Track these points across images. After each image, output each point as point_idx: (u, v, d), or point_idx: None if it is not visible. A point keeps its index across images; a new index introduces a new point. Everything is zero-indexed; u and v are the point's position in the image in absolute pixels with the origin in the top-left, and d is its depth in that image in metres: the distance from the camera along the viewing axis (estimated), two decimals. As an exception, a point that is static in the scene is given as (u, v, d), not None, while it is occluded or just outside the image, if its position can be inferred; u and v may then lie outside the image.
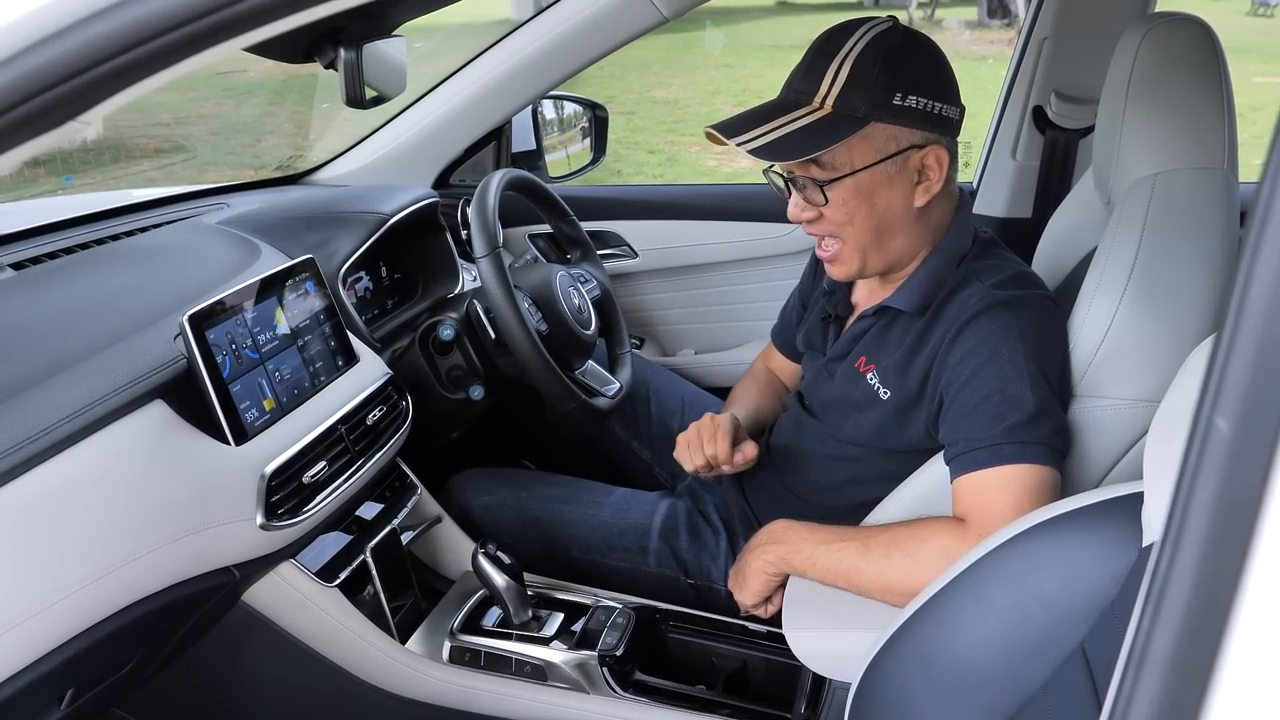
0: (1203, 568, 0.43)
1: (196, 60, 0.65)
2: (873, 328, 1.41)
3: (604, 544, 1.60)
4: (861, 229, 1.34)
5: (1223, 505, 0.42)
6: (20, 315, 1.32)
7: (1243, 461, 0.42)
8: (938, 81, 1.30)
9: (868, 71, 1.27)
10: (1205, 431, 0.43)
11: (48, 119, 0.59)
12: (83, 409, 1.10)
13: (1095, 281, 1.27)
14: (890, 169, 1.30)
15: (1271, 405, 0.41)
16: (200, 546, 1.18)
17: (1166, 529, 0.44)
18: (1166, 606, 0.43)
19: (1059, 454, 1.22)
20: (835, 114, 1.28)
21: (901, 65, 1.28)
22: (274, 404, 1.33)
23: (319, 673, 1.42)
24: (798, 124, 1.29)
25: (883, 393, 1.36)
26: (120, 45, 0.58)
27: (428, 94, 2.08)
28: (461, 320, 1.66)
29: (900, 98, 1.27)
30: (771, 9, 15.39)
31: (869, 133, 1.28)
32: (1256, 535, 0.42)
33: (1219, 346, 0.43)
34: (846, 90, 1.28)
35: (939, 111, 1.29)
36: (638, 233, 2.19)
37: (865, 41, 1.28)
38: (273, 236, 1.64)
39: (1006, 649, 1.00)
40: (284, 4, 0.63)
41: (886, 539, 1.25)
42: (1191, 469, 0.43)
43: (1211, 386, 0.43)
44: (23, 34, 0.57)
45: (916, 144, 1.30)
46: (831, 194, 1.31)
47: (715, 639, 1.52)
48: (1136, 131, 1.34)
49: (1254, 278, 0.42)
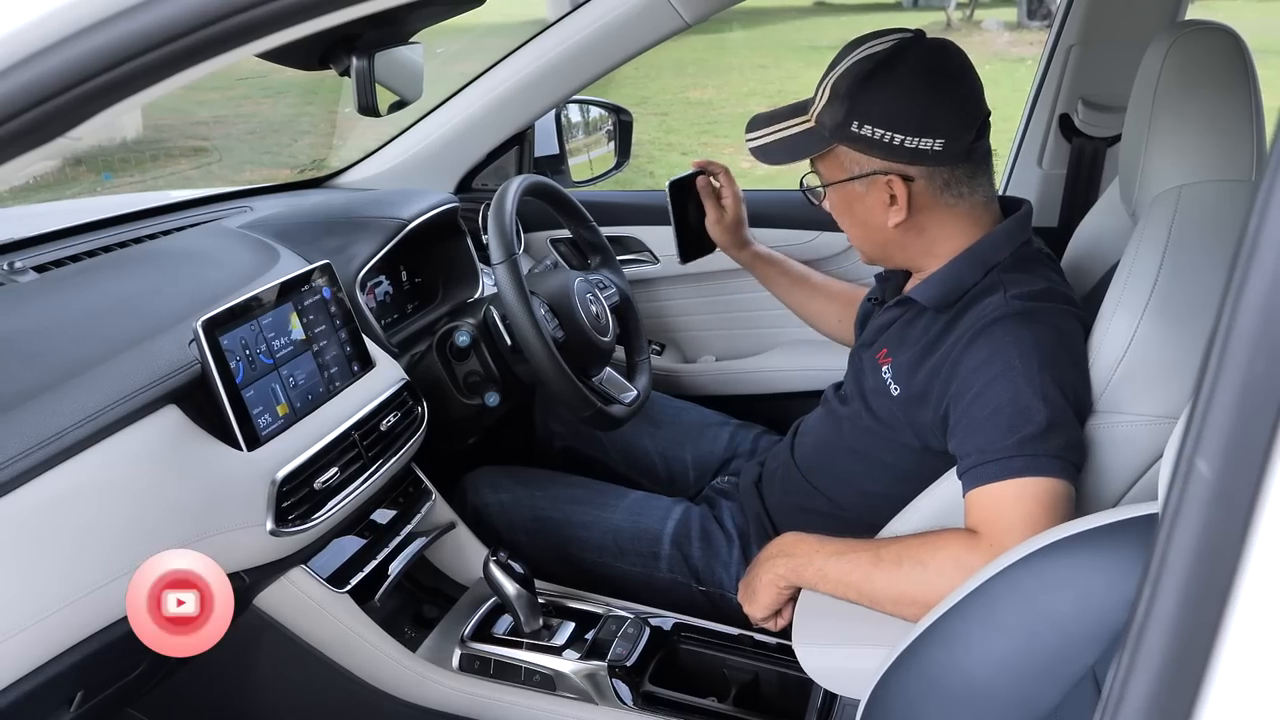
0: (1181, 616, 0.41)
1: (197, 71, 0.65)
2: (898, 320, 1.42)
3: (616, 548, 1.60)
4: (852, 233, 1.45)
5: (1203, 552, 0.41)
6: (40, 318, 1.33)
7: (1224, 507, 0.40)
8: (902, 113, 1.30)
9: (837, 93, 1.33)
10: (1186, 474, 0.41)
11: (41, 133, 0.59)
12: (95, 414, 1.11)
13: (1117, 295, 1.25)
14: (859, 187, 1.37)
15: (1255, 447, 0.40)
16: (210, 552, 1.18)
17: (1145, 573, 0.43)
18: (1143, 655, 0.42)
19: (1073, 467, 1.20)
20: (814, 129, 1.37)
21: (864, 94, 1.31)
22: (287, 409, 1.34)
23: (330, 678, 1.42)
24: (786, 132, 1.40)
25: (893, 388, 1.37)
26: (122, 55, 0.58)
27: (451, 98, 2.08)
28: (478, 326, 1.66)
29: (857, 126, 1.32)
30: (809, 9, 15.30)
31: (836, 152, 1.37)
32: (1237, 584, 0.40)
33: (1201, 385, 0.42)
34: (824, 108, 1.35)
35: (899, 143, 1.30)
36: (659, 238, 2.18)
37: (851, 62, 1.33)
38: (292, 241, 1.65)
39: (1016, 670, 0.99)
40: (287, 14, 0.63)
41: (897, 549, 1.23)
42: (1172, 513, 0.42)
43: (1194, 427, 0.42)
44: (18, 47, 0.58)
45: (878, 171, 1.34)
46: (823, 199, 1.44)
47: (727, 651, 1.51)
48: (1162, 142, 1.31)
49: (1239, 314, 0.41)
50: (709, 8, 1.80)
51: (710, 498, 1.67)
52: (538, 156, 2.21)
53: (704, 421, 1.94)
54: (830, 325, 1.87)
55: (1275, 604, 0.40)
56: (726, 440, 1.88)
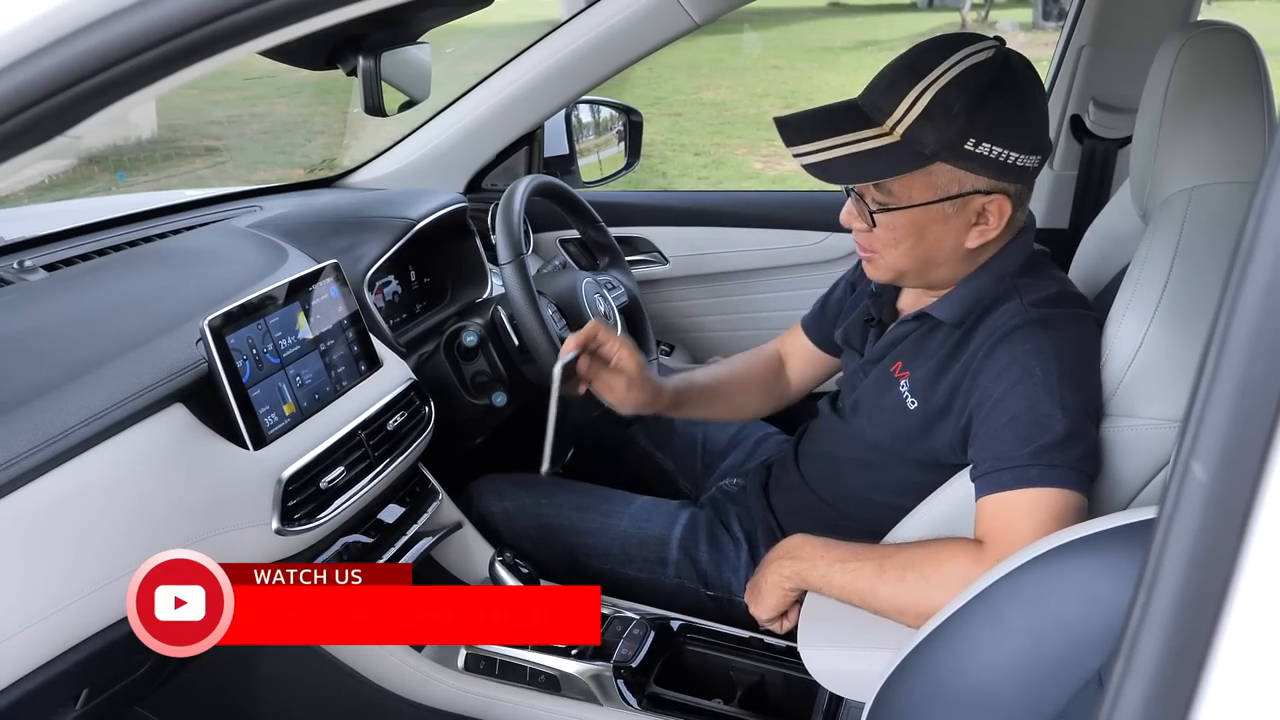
0: (1176, 621, 0.41)
1: (193, 71, 0.65)
2: (913, 334, 1.39)
3: (623, 554, 1.60)
4: (904, 257, 1.31)
5: (1198, 556, 0.40)
6: (48, 317, 1.34)
7: (1219, 510, 0.40)
8: (1020, 129, 1.23)
9: (947, 109, 1.20)
10: (1182, 477, 0.41)
11: (38, 133, 0.59)
12: (101, 413, 1.12)
13: (1127, 298, 1.24)
14: (948, 209, 1.26)
15: (1251, 451, 0.39)
16: (215, 551, 1.18)
17: (1140, 578, 0.42)
18: (1138, 660, 0.41)
19: (1087, 478, 1.19)
20: (902, 144, 1.22)
21: (984, 110, 1.20)
22: (294, 409, 1.34)
23: (335, 676, 1.42)
24: (860, 147, 1.23)
25: (910, 402, 1.35)
26: (117, 55, 0.58)
27: (461, 98, 2.09)
28: (486, 326, 1.66)
29: (974, 144, 1.21)
30: (823, 10, 15.27)
31: (932, 170, 1.23)
32: (1232, 589, 0.40)
33: (1198, 388, 0.41)
34: (921, 122, 1.21)
35: (1013, 161, 1.22)
36: (669, 239, 2.18)
37: (955, 73, 1.20)
38: (301, 240, 1.65)
39: (1022, 674, 0.98)
40: (280, 14, 0.63)
41: (903, 560, 1.22)
42: (1167, 517, 0.41)
43: (1190, 430, 0.41)
44: (14, 47, 0.58)
45: (980, 190, 1.25)
46: (881, 220, 1.28)
47: (733, 652, 1.50)
48: (1173, 144, 1.30)
49: (1235, 317, 0.40)
50: (718, 8, 1.80)
51: (717, 500, 1.67)
52: (547, 157, 2.21)
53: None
54: (758, 405, 1.71)
55: (1271, 609, 0.39)
56: (737, 428, 1.88)
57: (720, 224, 2.16)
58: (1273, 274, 0.39)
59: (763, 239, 2.10)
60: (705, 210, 2.21)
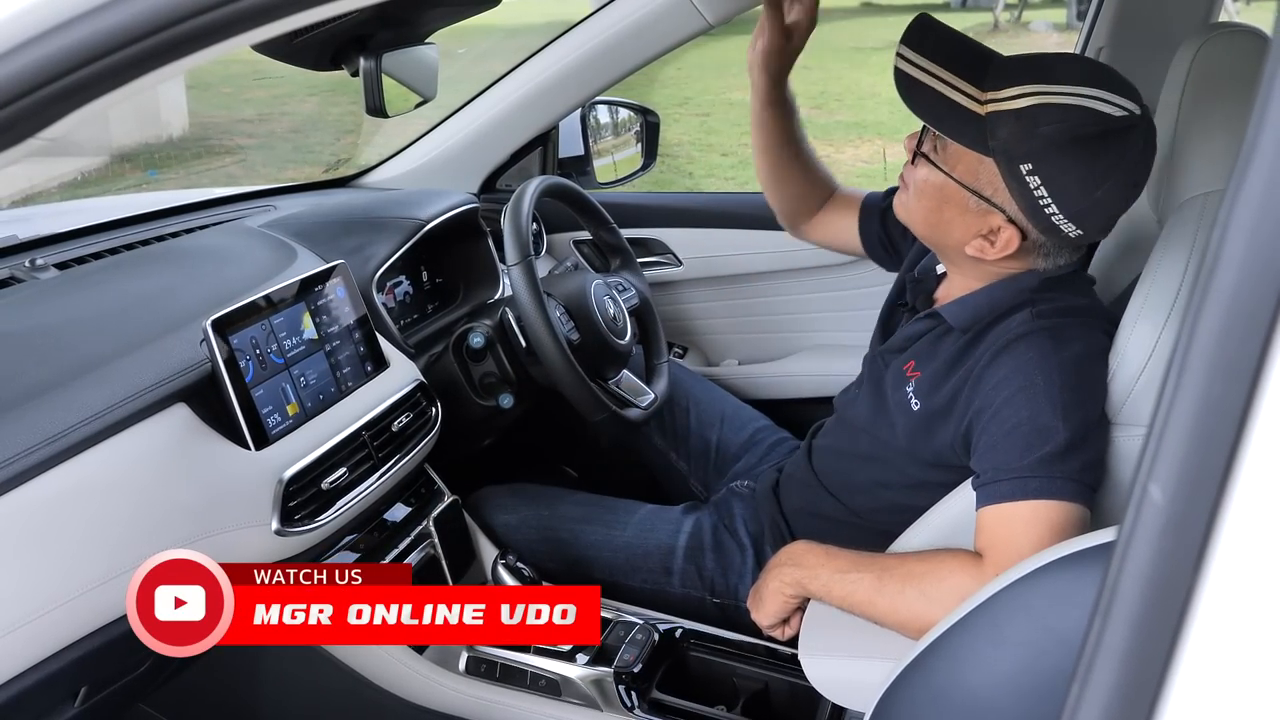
0: (1131, 650, 0.40)
1: (171, 68, 0.64)
2: (929, 333, 1.38)
3: (628, 565, 1.59)
4: (918, 212, 1.33)
5: (1155, 582, 0.39)
6: (56, 316, 1.35)
7: (1176, 534, 0.38)
8: (1076, 194, 1.19)
9: (1035, 124, 1.17)
10: (1139, 500, 0.40)
11: (10, 134, 0.59)
12: (101, 412, 1.12)
13: (1139, 305, 1.22)
14: (970, 202, 1.25)
15: (1211, 473, 0.38)
16: (214, 550, 1.19)
17: (1096, 603, 0.41)
18: (1092, 689, 0.40)
19: (1089, 490, 1.17)
20: (980, 120, 1.20)
21: (1061, 153, 1.17)
22: (297, 409, 1.34)
23: (337, 676, 1.43)
24: (950, 93, 1.21)
25: (914, 403, 1.34)
26: (86, 56, 0.58)
27: (475, 98, 2.08)
28: (494, 327, 1.66)
29: (1028, 171, 1.18)
30: (855, 10, 15.18)
31: (984, 161, 1.22)
32: (1189, 616, 0.38)
33: (1159, 406, 0.40)
34: (1008, 116, 1.18)
35: (1049, 212, 1.20)
36: (683, 241, 2.17)
37: (1072, 103, 1.16)
38: (311, 240, 1.66)
39: (1021, 687, 0.97)
40: (250, 14, 0.62)
41: (903, 573, 1.21)
42: (1124, 541, 0.40)
43: (1149, 451, 0.40)
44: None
45: (1005, 211, 1.23)
46: (920, 165, 1.29)
47: (737, 659, 1.49)
48: (1189, 148, 1.28)
49: (1197, 333, 0.39)
50: (731, 9, 1.78)
51: (725, 501, 1.65)
52: (563, 157, 2.20)
53: (738, 407, 1.94)
54: (780, 196, 1.72)
55: (1228, 636, 0.38)
56: (751, 432, 1.87)
57: (735, 226, 2.14)
58: (1235, 289, 0.38)
59: (777, 241, 2.08)
60: (720, 212, 2.19)
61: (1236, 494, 0.37)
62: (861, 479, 1.46)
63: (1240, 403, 0.37)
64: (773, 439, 1.87)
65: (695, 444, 1.87)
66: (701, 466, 1.86)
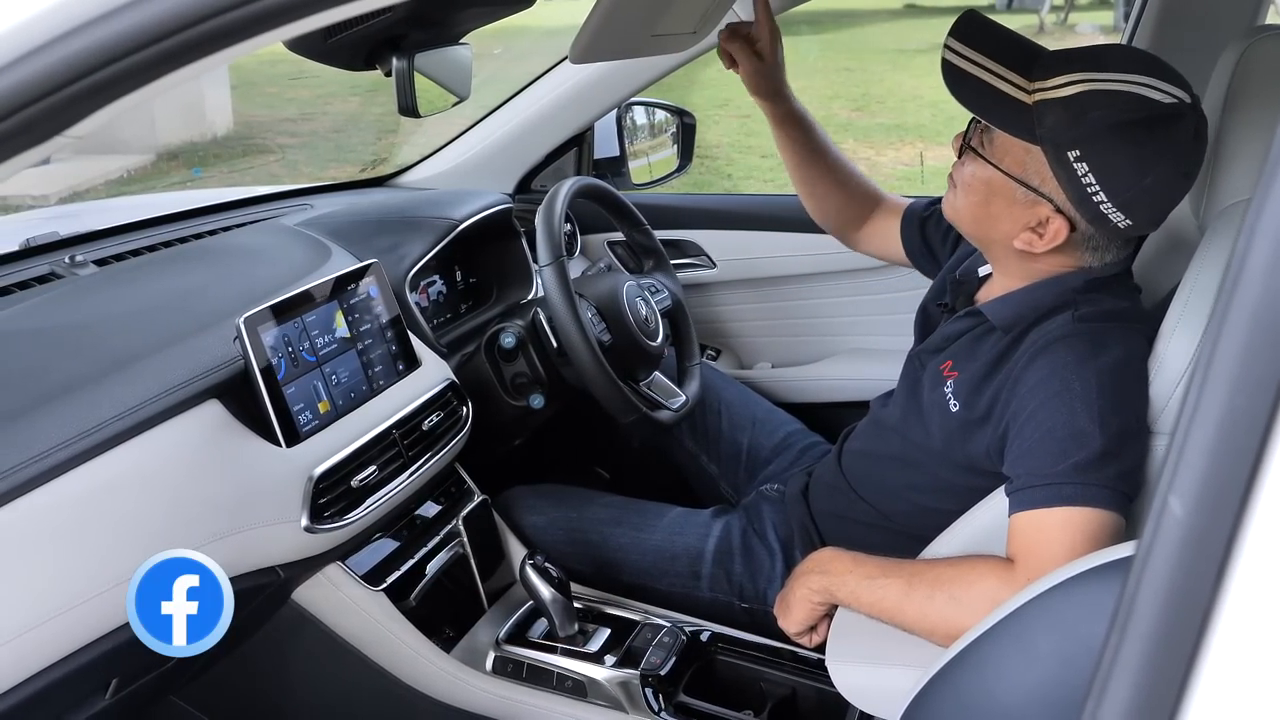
0: (1148, 666, 0.39)
1: (196, 67, 0.65)
2: (969, 332, 1.36)
3: (656, 568, 1.58)
4: (966, 209, 1.31)
5: (1173, 597, 0.38)
6: (93, 312, 1.37)
7: (1196, 548, 0.37)
8: (1126, 180, 1.16)
9: (1084, 110, 1.15)
10: (1159, 513, 0.39)
11: (34, 133, 0.59)
12: (135, 407, 1.14)
13: (1179, 312, 1.20)
14: (1018, 193, 1.23)
15: (1232, 486, 0.37)
16: (243, 546, 1.20)
17: (1114, 617, 0.40)
18: (1107, 706, 0.39)
19: (1124, 498, 1.15)
20: (1027, 109, 1.19)
21: (1110, 136, 1.15)
22: (329, 407, 1.35)
23: (365, 674, 1.43)
24: (997, 83, 1.20)
25: (952, 405, 1.32)
26: (110, 54, 0.58)
27: (512, 98, 2.09)
28: (526, 328, 1.66)
29: (1076, 157, 1.16)
30: (898, 11, 15.09)
31: (1031, 150, 1.20)
32: (1209, 631, 0.37)
33: (1180, 419, 0.39)
34: (1056, 104, 1.17)
35: (1098, 200, 1.17)
36: (717, 242, 2.16)
37: (1120, 89, 1.15)
38: (345, 239, 1.67)
39: (1049, 698, 0.95)
40: (273, 13, 0.62)
41: (932, 578, 1.19)
42: (1143, 554, 0.39)
43: (1170, 463, 0.39)
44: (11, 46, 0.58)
45: (1054, 201, 1.21)
46: (968, 159, 1.28)
47: (765, 664, 1.49)
48: (1231, 153, 1.25)
49: (1220, 345, 0.38)
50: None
51: (754, 505, 1.64)
52: (598, 158, 2.20)
53: (770, 411, 1.94)
54: (825, 210, 1.72)
55: (1248, 652, 0.37)
56: (783, 435, 1.86)
57: (769, 229, 2.13)
58: (1260, 300, 0.37)
59: (811, 244, 2.07)
60: (754, 214, 2.18)
61: (1259, 508, 0.36)
62: (892, 482, 1.45)
63: (1264, 416, 0.36)
64: (805, 443, 1.86)
65: (726, 447, 1.86)
66: (732, 470, 1.85)
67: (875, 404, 1.57)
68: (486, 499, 1.63)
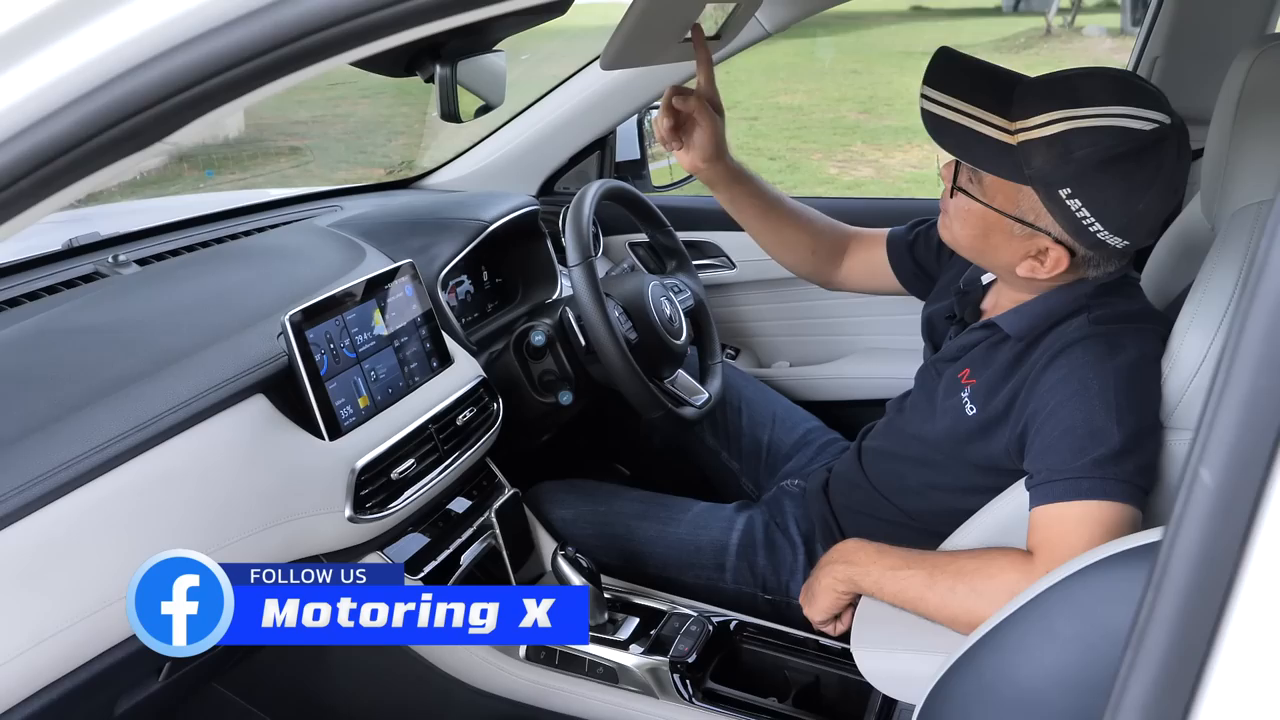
0: (1181, 619, 0.43)
1: (288, 80, 0.69)
2: (984, 341, 1.40)
3: (681, 561, 1.62)
4: (964, 239, 1.34)
5: (1204, 558, 0.42)
6: (139, 309, 1.41)
7: (1224, 516, 0.42)
8: (1117, 212, 1.20)
9: (1069, 150, 1.18)
10: (1191, 483, 0.43)
11: (140, 139, 0.64)
12: (188, 400, 1.18)
13: (1192, 312, 1.24)
14: (1016, 229, 1.27)
15: (1257, 458, 0.41)
16: (290, 535, 1.25)
17: (1150, 577, 0.44)
18: (1143, 656, 0.43)
19: (1141, 492, 1.19)
20: (1013, 150, 1.22)
21: (1098, 174, 1.18)
22: (368, 402, 1.40)
23: (403, 661, 1.48)
24: (979, 128, 1.23)
25: (969, 408, 1.36)
26: (218, 66, 0.63)
27: (536, 102, 2.14)
28: (554, 326, 1.71)
29: (1068, 195, 1.20)
30: (905, 14, 15.10)
31: (1022, 189, 1.23)
32: (1235, 590, 0.41)
33: (1210, 397, 0.43)
34: (1040, 144, 1.20)
35: (1094, 231, 1.21)
36: (736, 244, 2.20)
37: (1102, 124, 1.17)
38: (378, 240, 1.71)
39: (1070, 682, 0.99)
40: (386, 24, 0.67)
41: (954, 570, 1.24)
42: (1176, 520, 0.43)
43: (1200, 437, 0.43)
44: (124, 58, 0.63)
45: (1051, 234, 1.25)
46: (959, 198, 1.31)
47: (789, 652, 1.52)
48: (1244, 157, 1.29)
49: (1246, 330, 0.42)
50: (789, 16, 1.82)
51: (776, 500, 1.69)
52: (619, 161, 2.25)
53: (789, 408, 1.97)
54: (798, 257, 1.72)
55: (1271, 612, 0.41)
56: (803, 432, 1.90)
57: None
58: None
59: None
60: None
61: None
62: (912, 481, 1.48)
63: (1286, 395, 0.41)
64: (824, 439, 1.90)
65: (747, 444, 1.91)
66: (753, 466, 1.90)
67: (891, 407, 1.60)
68: (518, 492, 1.67)
